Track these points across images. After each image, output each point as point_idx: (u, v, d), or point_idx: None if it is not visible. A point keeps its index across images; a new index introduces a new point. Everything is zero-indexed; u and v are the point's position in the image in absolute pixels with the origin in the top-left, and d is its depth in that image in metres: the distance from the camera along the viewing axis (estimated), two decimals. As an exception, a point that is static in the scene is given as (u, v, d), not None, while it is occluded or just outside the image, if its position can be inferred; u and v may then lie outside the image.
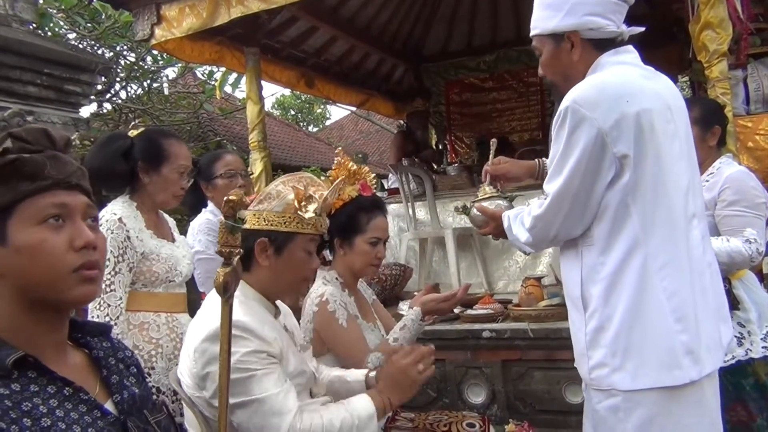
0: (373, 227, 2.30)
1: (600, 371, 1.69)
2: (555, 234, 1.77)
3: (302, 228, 1.81)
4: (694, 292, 1.66)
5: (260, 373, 1.65)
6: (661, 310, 1.62)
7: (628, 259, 1.65)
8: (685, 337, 1.62)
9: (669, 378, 1.61)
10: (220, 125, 12.08)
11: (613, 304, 1.67)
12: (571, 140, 1.66)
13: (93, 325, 1.25)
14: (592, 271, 1.71)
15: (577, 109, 1.64)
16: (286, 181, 1.86)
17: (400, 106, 7.15)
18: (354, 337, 2.21)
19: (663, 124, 1.68)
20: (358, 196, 2.31)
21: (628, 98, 1.64)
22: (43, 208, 1.07)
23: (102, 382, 1.18)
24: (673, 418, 1.63)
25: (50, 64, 4.51)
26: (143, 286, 2.23)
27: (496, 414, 3.28)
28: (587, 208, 1.70)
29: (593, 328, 1.70)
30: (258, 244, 1.79)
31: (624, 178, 1.64)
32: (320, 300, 2.21)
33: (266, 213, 1.80)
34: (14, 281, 1.06)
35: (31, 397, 1.02)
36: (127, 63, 9.56)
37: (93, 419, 1.08)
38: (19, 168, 1.06)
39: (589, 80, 1.72)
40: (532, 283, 3.49)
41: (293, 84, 5.88)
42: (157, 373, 2.17)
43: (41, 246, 1.06)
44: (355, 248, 2.30)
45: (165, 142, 2.34)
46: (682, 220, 1.68)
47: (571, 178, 1.68)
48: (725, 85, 3.14)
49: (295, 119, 24.07)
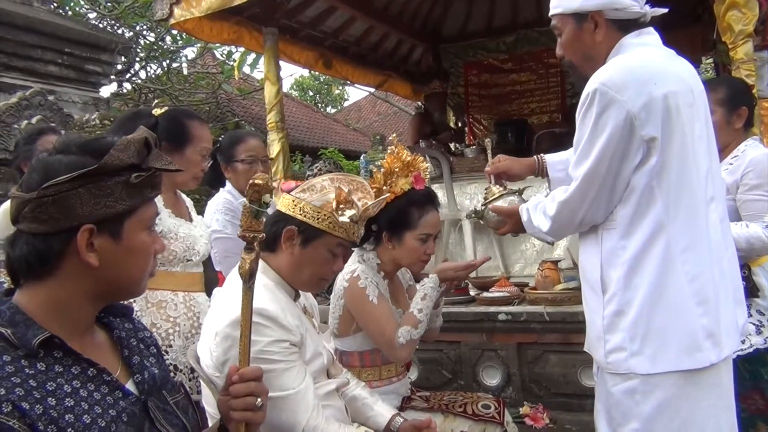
0: (424, 223, 2.24)
1: (618, 355, 1.68)
2: (581, 219, 1.75)
3: (334, 229, 1.78)
4: (714, 275, 1.66)
5: (281, 367, 1.65)
6: (683, 294, 1.62)
7: (652, 242, 1.64)
8: (706, 320, 1.62)
9: (689, 361, 1.62)
10: (238, 105, 12.10)
11: (633, 288, 1.65)
12: (599, 123, 1.64)
13: (117, 306, 1.27)
14: (612, 255, 1.70)
15: (606, 92, 1.62)
16: (335, 178, 1.83)
17: (418, 87, 7.10)
18: (385, 314, 2.18)
19: (687, 106, 1.66)
20: (410, 190, 2.25)
21: (656, 80, 1.63)
22: (151, 216, 1.19)
23: (123, 363, 1.20)
24: (690, 400, 1.64)
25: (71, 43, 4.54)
26: (161, 264, 2.24)
27: (510, 396, 3.29)
28: (614, 192, 1.68)
29: (612, 312, 1.69)
30: (287, 230, 1.78)
31: (651, 161, 1.63)
32: (351, 276, 2.20)
33: (304, 203, 1.78)
34: (105, 273, 1.11)
35: (55, 378, 1.04)
36: (146, 43, 9.59)
37: (115, 400, 1.10)
38: (152, 178, 1.15)
39: (615, 62, 1.70)
40: (548, 266, 3.48)
41: (311, 64, 5.87)
42: (174, 351, 2.19)
43: (146, 249, 1.18)
44: (404, 244, 2.24)
45: (189, 123, 2.34)
46: (703, 203, 1.68)
47: (599, 161, 1.65)
48: (750, 66, 3.07)
49: (313, 100, 24.04)
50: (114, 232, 1.11)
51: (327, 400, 1.83)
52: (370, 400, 2.04)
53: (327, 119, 17.88)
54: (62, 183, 1.05)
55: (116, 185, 1.10)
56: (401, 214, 2.23)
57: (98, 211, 1.08)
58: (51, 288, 1.09)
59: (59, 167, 1.07)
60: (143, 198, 1.15)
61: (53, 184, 1.05)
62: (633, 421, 1.68)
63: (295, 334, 1.71)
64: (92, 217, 1.08)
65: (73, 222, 1.07)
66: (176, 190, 2.42)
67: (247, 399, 1.24)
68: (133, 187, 1.12)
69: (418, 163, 2.29)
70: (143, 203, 1.16)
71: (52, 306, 1.09)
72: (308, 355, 1.78)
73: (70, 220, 1.07)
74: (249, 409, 1.24)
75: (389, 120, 20.13)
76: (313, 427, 1.66)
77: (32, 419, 0.96)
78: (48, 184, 1.05)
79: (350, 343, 2.26)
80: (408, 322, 2.16)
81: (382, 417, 2.01)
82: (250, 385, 1.25)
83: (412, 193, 2.25)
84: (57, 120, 4.62)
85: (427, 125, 6.18)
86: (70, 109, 5.37)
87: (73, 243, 1.07)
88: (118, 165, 1.09)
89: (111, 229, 1.11)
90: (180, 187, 2.41)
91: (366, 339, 2.24)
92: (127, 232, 1.13)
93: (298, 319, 1.78)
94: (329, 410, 1.80)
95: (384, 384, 2.27)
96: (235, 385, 1.25)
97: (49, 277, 1.09)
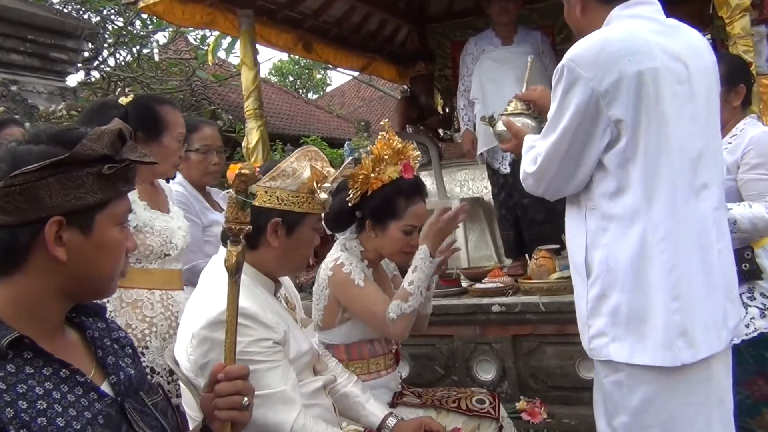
0: (410, 214, 2.25)
1: (599, 341, 1.71)
2: (544, 189, 1.82)
3: (313, 208, 1.80)
4: (693, 268, 1.65)
5: (265, 366, 1.65)
6: (661, 285, 1.63)
7: (630, 226, 1.65)
8: (678, 317, 1.62)
9: (662, 359, 1.62)
10: (214, 93, 12.02)
11: (614, 272, 1.67)
12: (564, 100, 1.67)
13: (89, 306, 1.27)
14: (596, 236, 1.72)
15: (573, 68, 1.64)
16: (300, 156, 1.82)
17: (403, 70, 7.07)
18: (373, 294, 2.19)
19: (673, 85, 1.64)
20: (398, 178, 2.24)
21: (630, 57, 1.61)
22: (124, 212, 1.19)
23: (97, 364, 1.20)
24: (677, 395, 1.65)
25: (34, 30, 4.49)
26: (137, 261, 2.24)
27: (506, 391, 3.32)
28: (579, 169, 1.72)
29: (595, 296, 1.71)
30: (271, 224, 1.76)
31: (621, 142, 1.64)
32: (335, 264, 2.21)
33: (279, 191, 1.76)
34: (74, 269, 1.11)
35: (26, 379, 1.04)
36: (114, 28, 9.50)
37: (90, 402, 1.10)
38: (126, 171, 1.15)
39: (590, 37, 1.69)
40: (543, 254, 3.48)
41: (290, 48, 5.82)
42: (151, 353, 2.19)
43: (117, 246, 1.18)
44: (387, 233, 2.25)
45: (162, 109, 2.34)
46: (688, 191, 1.67)
47: (561, 137, 1.70)
48: (748, 42, 3.09)
49: (293, 86, 23.93)
50: (84, 225, 1.11)
51: (313, 398, 1.84)
52: (362, 398, 2.05)
53: (308, 106, 17.82)
54: (31, 172, 1.05)
55: (88, 176, 1.10)
56: (387, 203, 2.23)
57: (68, 202, 1.08)
58: (18, 285, 1.09)
59: (28, 157, 1.07)
60: (116, 192, 1.15)
61: (21, 173, 1.05)
62: (622, 414, 1.71)
63: (277, 331, 1.71)
64: (61, 208, 1.08)
65: (41, 213, 1.07)
66: (154, 180, 2.41)
67: (233, 398, 1.24)
68: (105, 180, 1.12)
69: (408, 151, 2.28)
70: (116, 197, 1.16)
71: (19, 304, 1.09)
72: (293, 353, 1.78)
73: (38, 212, 1.07)
74: (235, 409, 1.24)
75: (374, 105, 20.10)
76: (302, 426, 1.66)
77: (3, 423, 0.96)
78: (16, 173, 1.05)
79: (336, 335, 2.27)
80: (398, 297, 2.15)
81: (375, 417, 2.02)
82: (237, 384, 1.26)
83: (400, 181, 2.25)
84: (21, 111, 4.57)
85: (413, 109, 6.17)
86: (34, 100, 5.31)
87: (40, 236, 1.07)
88: (91, 155, 1.09)
89: (81, 223, 1.11)
90: (160, 177, 2.42)
91: (352, 330, 2.26)
92: (98, 226, 1.13)
93: (279, 315, 1.78)
94: (316, 409, 1.81)
95: (372, 378, 2.28)
96: (220, 384, 1.25)
97: (16, 273, 1.09)
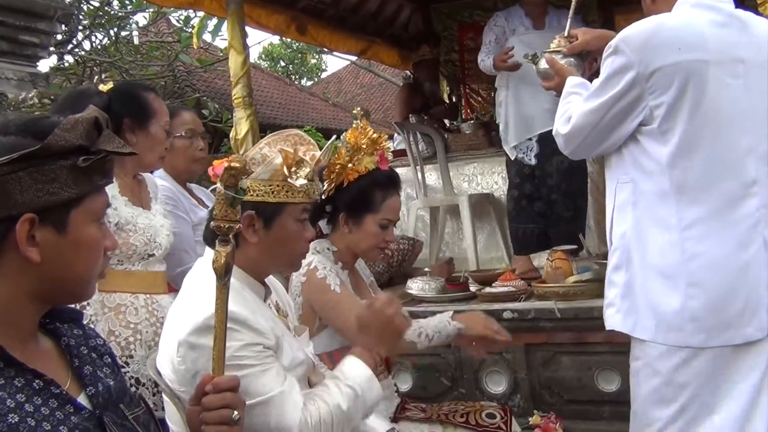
0: (386, 207, 2.28)
1: (608, 311, 1.97)
2: (571, 151, 2.06)
3: (292, 197, 1.78)
4: (725, 262, 1.78)
5: (258, 370, 1.65)
6: (677, 270, 1.80)
7: (655, 208, 1.83)
8: (695, 303, 1.79)
9: (663, 337, 1.81)
10: (198, 79, 12.04)
11: (633, 248, 1.89)
12: (611, 78, 1.86)
13: (64, 311, 1.27)
14: (622, 210, 1.94)
15: (623, 49, 1.82)
16: (271, 142, 1.82)
17: (405, 54, 7.07)
18: (350, 302, 2.19)
19: (725, 78, 1.77)
20: (375, 169, 2.27)
21: (682, 46, 1.75)
22: (101, 207, 1.19)
23: (74, 374, 1.20)
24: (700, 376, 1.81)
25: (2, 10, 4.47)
26: (119, 262, 2.24)
27: (518, 404, 3.32)
28: (607, 142, 1.94)
29: (613, 266, 1.97)
30: (244, 218, 1.73)
31: (654, 125, 1.81)
32: (308, 269, 2.22)
33: (250, 181, 1.74)
34: (48, 270, 1.11)
35: (-5, 391, 1.04)
36: (90, 8, 9.49)
37: (65, 415, 1.10)
38: (103, 163, 1.14)
39: (647, 20, 1.85)
40: (559, 255, 3.48)
41: (283, 30, 5.82)
42: (135, 363, 2.19)
43: (95, 244, 1.17)
44: (363, 227, 2.28)
45: (147, 96, 2.35)
46: (731, 184, 1.80)
47: (598, 110, 1.89)
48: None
49: (285, 71, 23.95)
50: (58, 223, 1.11)
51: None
52: None
53: (302, 93, 17.87)
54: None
55: (61, 170, 1.09)
56: (363, 195, 2.27)
57: (40, 198, 1.08)
58: None
59: None
60: (92, 186, 1.15)
61: None
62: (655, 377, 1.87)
63: (268, 337, 1.71)
64: (33, 205, 1.07)
65: (12, 211, 1.06)
66: (138, 174, 2.42)
67: (222, 412, 1.24)
68: (80, 173, 1.11)
69: (383, 141, 2.34)
70: (92, 192, 1.16)
71: None
72: (287, 362, 1.78)
73: (8, 209, 1.06)
74: (224, 423, 1.24)
75: (374, 92, 20.14)
76: (306, 422, 1.65)
77: (-28, 438, 0.97)
78: None
79: (316, 344, 2.26)
80: None
81: None
82: (225, 396, 1.26)
83: (377, 173, 2.29)
84: (-12, 99, 4.57)
85: (417, 98, 6.18)
86: (3, 87, 5.31)
87: (11, 235, 1.07)
88: (64, 147, 1.09)
89: (55, 220, 1.11)
90: (147, 169, 2.42)
91: (332, 337, 2.26)
92: (74, 223, 1.13)
93: (272, 321, 1.78)
94: None
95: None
96: (208, 396, 1.25)
97: None
